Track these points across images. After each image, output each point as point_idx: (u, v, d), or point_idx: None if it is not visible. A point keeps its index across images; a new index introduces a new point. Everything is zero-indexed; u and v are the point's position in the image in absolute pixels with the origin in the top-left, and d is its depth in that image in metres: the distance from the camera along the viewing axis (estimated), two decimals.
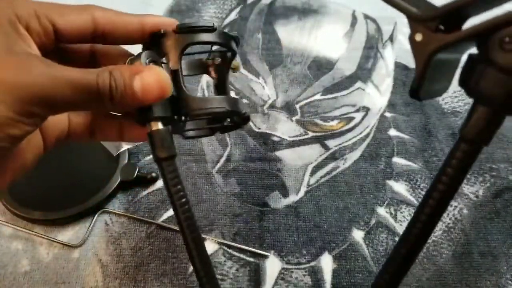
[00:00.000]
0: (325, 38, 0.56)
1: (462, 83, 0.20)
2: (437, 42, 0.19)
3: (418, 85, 0.20)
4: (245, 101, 0.49)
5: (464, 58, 0.21)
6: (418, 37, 0.19)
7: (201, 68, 0.32)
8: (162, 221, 0.40)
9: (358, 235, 0.40)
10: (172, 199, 0.25)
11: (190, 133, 0.33)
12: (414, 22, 0.19)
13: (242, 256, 0.39)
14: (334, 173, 0.45)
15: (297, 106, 0.48)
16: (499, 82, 0.17)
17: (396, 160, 0.46)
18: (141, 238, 0.39)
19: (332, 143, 0.46)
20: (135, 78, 0.23)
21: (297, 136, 0.47)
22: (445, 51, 0.19)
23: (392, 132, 0.48)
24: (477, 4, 0.18)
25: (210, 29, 0.27)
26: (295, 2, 0.59)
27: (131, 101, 0.23)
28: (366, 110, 0.49)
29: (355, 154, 0.46)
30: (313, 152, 0.46)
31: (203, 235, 0.39)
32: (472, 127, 0.19)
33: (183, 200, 0.26)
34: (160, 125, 0.25)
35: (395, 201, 0.43)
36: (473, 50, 0.20)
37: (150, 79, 0.23)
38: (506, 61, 0.17)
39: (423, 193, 0.43)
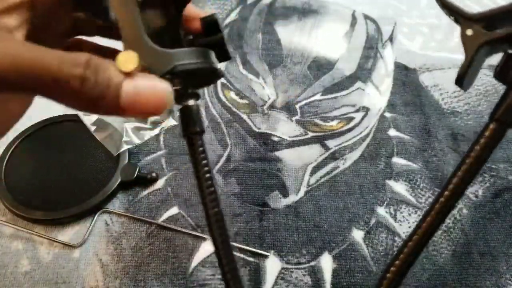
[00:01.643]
0: (325, 38, 0.56)
1: (499, 74, 0.24)
2: (486, 36, 0.23)
3: (465, 72, 0.24)
4: (245, 101, 0.49)
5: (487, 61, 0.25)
6: (469, 32, 0.24)
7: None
8: (162, 221, 0.40)
9: (358, 235, 0.41)
10: (199, 174, 0.26)
11: None
12: (467, 20, 0.24)
13: (242, 256, 0.39)
14: (334, 173, 0.45)
15: (297, 106, 0.49)
16: None
17: (396, 160, 0.46)
18: (141, 238, 0.39)
19: (332, 143, 0.46)
20: (127, 81, 0.19)
21: (297, 136, 0.47)
22: (486, 48, 0.23)
23: (392, 132, 0.48)
24: None
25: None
26: (295, 2, 0.60)
27: (107, 106, 0.19)
28: (366, 110, 0.49)
29: (355, 154, 0.46)
30: (313, 152, 0.46)
31: (203, 235, 0.40)
32: (505, 109, 0.24)
33: (208, 175, 0.26)
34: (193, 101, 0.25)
35: (395, 201, 0.43)
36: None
37: (146, 89, 0.19)
38: None
39: (423, 193, 0.43)
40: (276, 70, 0.52)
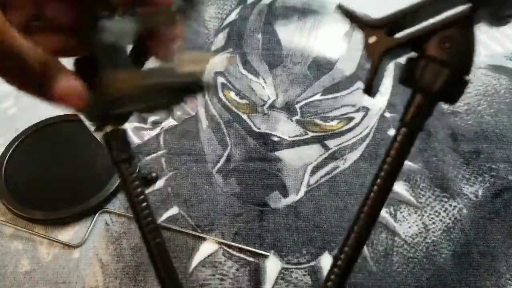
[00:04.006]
0: (325, 38, 0.56)
1: (403, 79, 0.24)
2: (389, 42, 0.23)
3: (372, 80, 0.23)
4: (245, 101, 0.49)
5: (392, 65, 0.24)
6: (372, 39, 0.23)
7: None
8: (162, 221, 0.40)
9: None
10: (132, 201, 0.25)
11: None
12: (368, 27, 0.24)
13: (242, 256, 0.39)
14: (334, 173, 0.45)
15: (297, 106, 0.49)
16: (437, 72, 0.22)
17: None
18: (141, 238, 0.39)
19: (332, 143, 0.46)
20: (63, 77, 0.23)
21: (297, 136, 0.47)
22: (389, 53, 0.23)
23: (392, 132, 0.48)
24: (415, 14, 0.23)
25: None
26: (295, 2, 0.59)
27: (45, 92, 0.23)
28: (366, 110, 0.49)
29: (355, 154, 0.46)
30: (313, 152, 0.46)
31: (203, 235, 0.40)
32: (411, 113, 0.24)
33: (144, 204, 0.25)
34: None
35: (395, 201, 0.43)
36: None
37: (72, 87, 0.23)
38: (442, 57, 0.22)
39: (423, 193, 0.43)
40: (276, 70, 0.52)
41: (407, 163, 0.46)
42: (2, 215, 0.40)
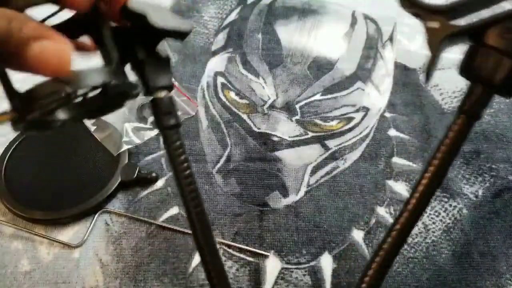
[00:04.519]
0: (325, 38, 0.56)
1: (463, 70, 0.24)
2: (451, 28, 0.23)
3: (433, 66, 0.23)
4: (245, 101, 0.49)
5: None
6: (434, 24, 0.23)
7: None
8: (162, 221, 0.40)
9: (358, 235, 0.41)
10: (176, 170, 0.25)
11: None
12: (430, 12, 0.23)
13: (242, 256, 0.39)
14: (334, 173, 0.45)
15: (297, 106, 0.49)
16: (499, 63, 0.22)
17: (396, 160, 0.46)
18: (141, 238, 0.39)
19: (332, 143, 0.46)
20: (36, 42, 0.20)
21: (297, 136, 0.47)
22: (448, 40, 0.23)
23: (392, 132, 0.48)
24: (478, 1, 0.23)
25: None
26: (295, 2, 0.59)
27: (16, 58, 0.20)
28: (366, 110, 0.49)
29: (355, 154, 0.46)
30: (313, 152, 0.46)
31: None
32: (471, 102, 0.24)
33: (188, 172, 0.26)
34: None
35: (395, 201, 0.43)
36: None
37: (51, 51, 0.20)
38: (504, 47, 0.22)
39: None
40: (276, 70, 0.52)
41: (407, 163, 0.46)
42: (2, 215, 0.40)
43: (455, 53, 0.61)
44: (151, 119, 0.47)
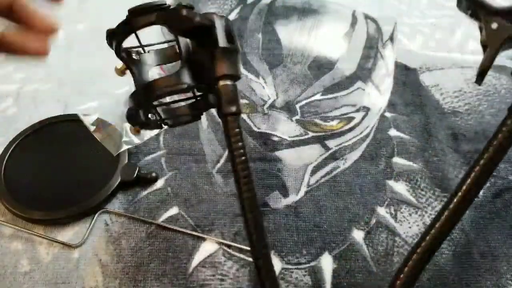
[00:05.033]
0: (325, 38, 0.56)
1: None
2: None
3: (489, 67, 0.24)
4: (245, 101, 0.49)
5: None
6: (494, 25, 0.23)
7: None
8: (162, 221, 0.40)
9: (358, 235, 0.40)
10: (233, 155, 0.26)
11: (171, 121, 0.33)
12: (491, 13, 0.23)
13: (242, 256, 0.39)
14: (334, 173, 0.45)
15: (297, 106, 0.48)
16: None
17: (396, 160, 0.46)
18: (141, 238, 0.39)
19: (332, 143, 0.46)
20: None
21: (297, 136, 0.47)
22: (507, 42, 0.23)
23: (392, 132, 0.48)
24: None
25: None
26: (295, 2, 0.59)
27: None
28: (366, 110, 0.49)
29: (355, 154, 0.46)
30: (313, 152, 0.46)
31: (203, 235, 0.39)
32: None
33: (243, 158, 0.26)
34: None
35: (395, 201, 0.43)
36: None
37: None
38: None
39: (423, 193, 0.43)
40: (276, 70, 0.52)
41: (408, 163, 0.46)
42: (1, 215, 0.40)
43: (455, 53, 0.62)
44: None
